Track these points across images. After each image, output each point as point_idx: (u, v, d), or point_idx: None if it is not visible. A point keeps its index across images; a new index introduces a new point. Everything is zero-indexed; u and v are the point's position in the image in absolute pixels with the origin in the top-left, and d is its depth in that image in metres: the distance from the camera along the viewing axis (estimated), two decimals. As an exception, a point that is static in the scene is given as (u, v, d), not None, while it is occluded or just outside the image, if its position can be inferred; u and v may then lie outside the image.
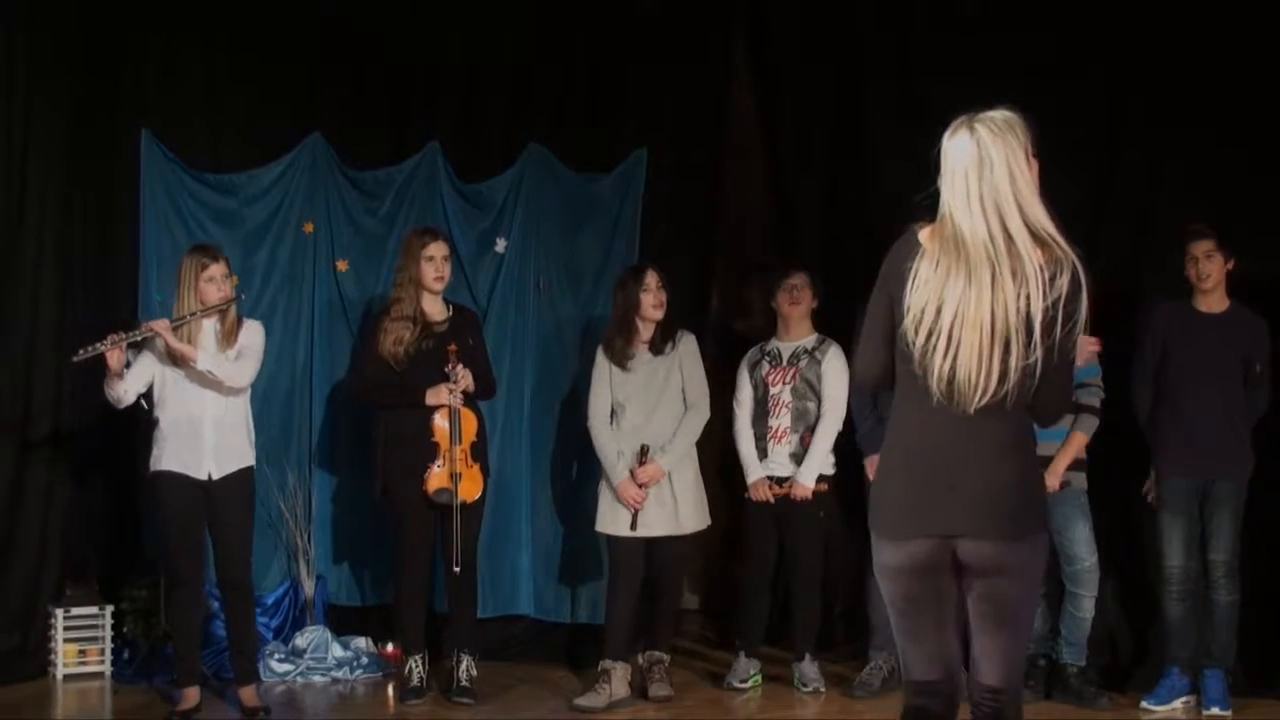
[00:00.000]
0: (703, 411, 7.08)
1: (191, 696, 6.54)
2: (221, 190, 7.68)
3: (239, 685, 6.65)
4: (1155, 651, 7.07)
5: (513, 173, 7.98)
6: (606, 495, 7.01)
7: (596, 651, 7.08)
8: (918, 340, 3.56)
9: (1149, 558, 6.99)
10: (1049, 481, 6.77)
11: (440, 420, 6.79)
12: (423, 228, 7.20)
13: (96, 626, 7.34)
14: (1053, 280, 3.50)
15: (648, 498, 6.90)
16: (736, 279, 8.48)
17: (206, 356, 6.37)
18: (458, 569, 6.73)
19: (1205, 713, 6.75)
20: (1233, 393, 6.82)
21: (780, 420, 7.27)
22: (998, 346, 3.49)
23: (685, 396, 7.08)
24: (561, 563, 7.93)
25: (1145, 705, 6.84)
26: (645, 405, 7.03)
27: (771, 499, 7.22)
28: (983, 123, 3.55)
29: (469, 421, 6.85)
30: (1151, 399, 6.95)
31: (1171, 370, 6.87)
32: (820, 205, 8.22)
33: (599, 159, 8.15)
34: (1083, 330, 3.57)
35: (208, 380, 6.41)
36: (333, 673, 7.39)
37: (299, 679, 7.33)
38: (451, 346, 6.80)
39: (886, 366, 3.73)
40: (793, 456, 7.23)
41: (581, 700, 6.84)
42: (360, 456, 7.37)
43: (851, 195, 7.96)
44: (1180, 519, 6.79)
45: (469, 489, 6.83)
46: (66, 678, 7.26)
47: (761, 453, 7.29)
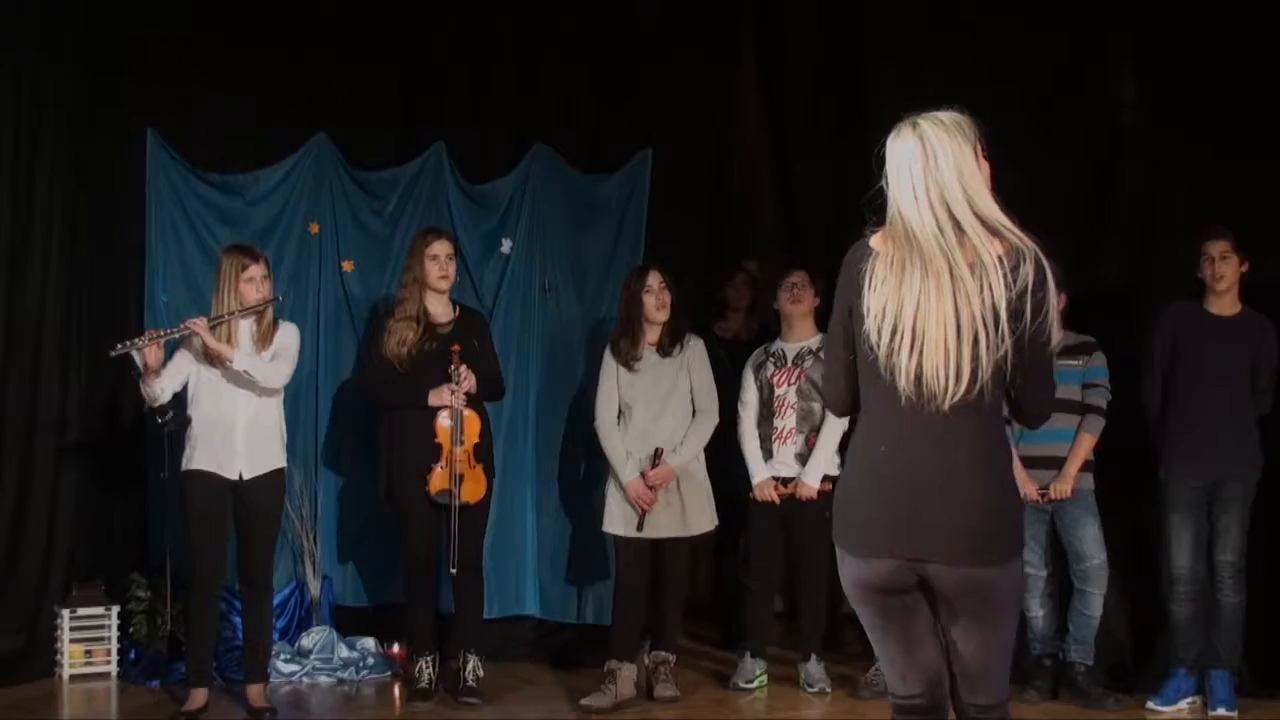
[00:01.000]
0: (713, 416, 7.08)
1: (199, 697, 6.54)
2: (227, 190, 7.67)
3: (248, 684, 6.65)
4: (1161, 652, 7.05)
5: (518, 173, 7.97)
6: (614, 495, 7.01)
7: (603, 652, 7.09)
8: (882, 340, 3.47)
9: (1156, 558, 6.95)
10: (1060, 487, 6.81)
11: (443, 421, 6.78)
12: (428, 227, 7.21)
13: (103, 627, 7.33)
14: (1015, 270, 3.41)
15: (656, 500, 6.90)
16: (740, 279, 8.46)
17: (243, 356, 6.38)
18: (454, 570, 6.75)
19: (1211, 713, 6.76)
20: (1242, 395, 6.81)
21: (785, 421, 7.26)
22: (965, 340, 3.39)
23: (694, 401, 7.08)
24: (568, 563, 7.90)
25: (1151, 706, 6.85)
26: (652, 407, 7.03)
27: (777, 499, 7.21)
28: (928, 120, 3.52)
29: (472, 422, 6.85)
30: (1161, 399, 6.93)
31: (1182, 372, 6.84)
32: (827, 204, 8.16)
33: (604, 159, 8.13)
34: (1055, 320, 3.47)
35: (242, 380, 6.42)
36: (339, 673, 7.39)
37: (305, 679, 7.33)
38: (455, 347, 6.80)
39: (854, 385, 3.65)
40: (798, 457, 7.22)
41: (588, 701, 6.85)
42: (366, 457, 7.36)
43: (859, 194, 7.88)
44: (1189, 520, 6.76)
45: (472, 490, 6.84)
46: (73, 678, 7.26)
47: (767, 453, 7.28)
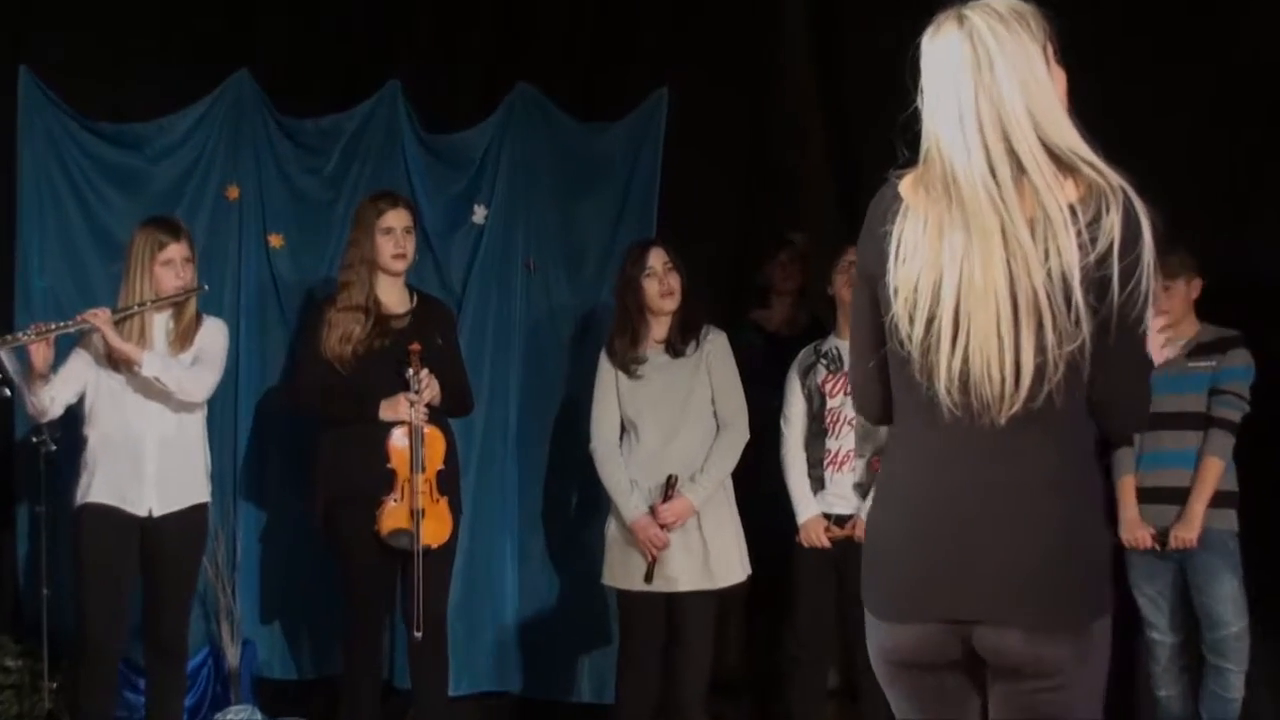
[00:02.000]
0: (740, 431, 6.45)
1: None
2: (121, 143, 7.10)
3: (151, 781, 6.28)
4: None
5: (495, 120, 7.45)
6: (616, 538, 6.41)
7: (603, 739, 6.73)
8: (914, 331, 3.00)
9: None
10: (1183, 534, 6.22)
11: (398, 440, 6.27)
12: (379, 191, 6.66)
13: None
14: (1094, 222, 2.91)
15: (670, 542, 6.28)
16: (785, 256, 7.83)
17: (154, 359, 5.99)
18: (418, 634, 6.22)
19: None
20: None
21: (841, 441, 6.50)
22: (1025, 325, 2.91)
23: (716, 414, 6.48)
24: (558, 626, 7.41)
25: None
26: (663, 423, 6.39)
27: (828, 543, 6.47)
28: (980, 10, 3.02)
29: (435, 442, 6.34)
30: None
31: None
32: (888, 167, 7.44)
33: (606, 103, 7.60)
34: (1152, 287, 2.92)
35: (154, 390, 6.04)
36: (264, 766, 6.99)
37: (220, 774, 6.94)
38: (414, 346, 6.28)
39: (887, 389, 3.21)
40: (858, 488, 6.47)
41: (586, 801, 6.59)
42: (297, 486, 6.80)
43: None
44: None
45: (435, 530, 6.30)
46: (-83, 778, 6.64)
47: (816, 483, 6.53)
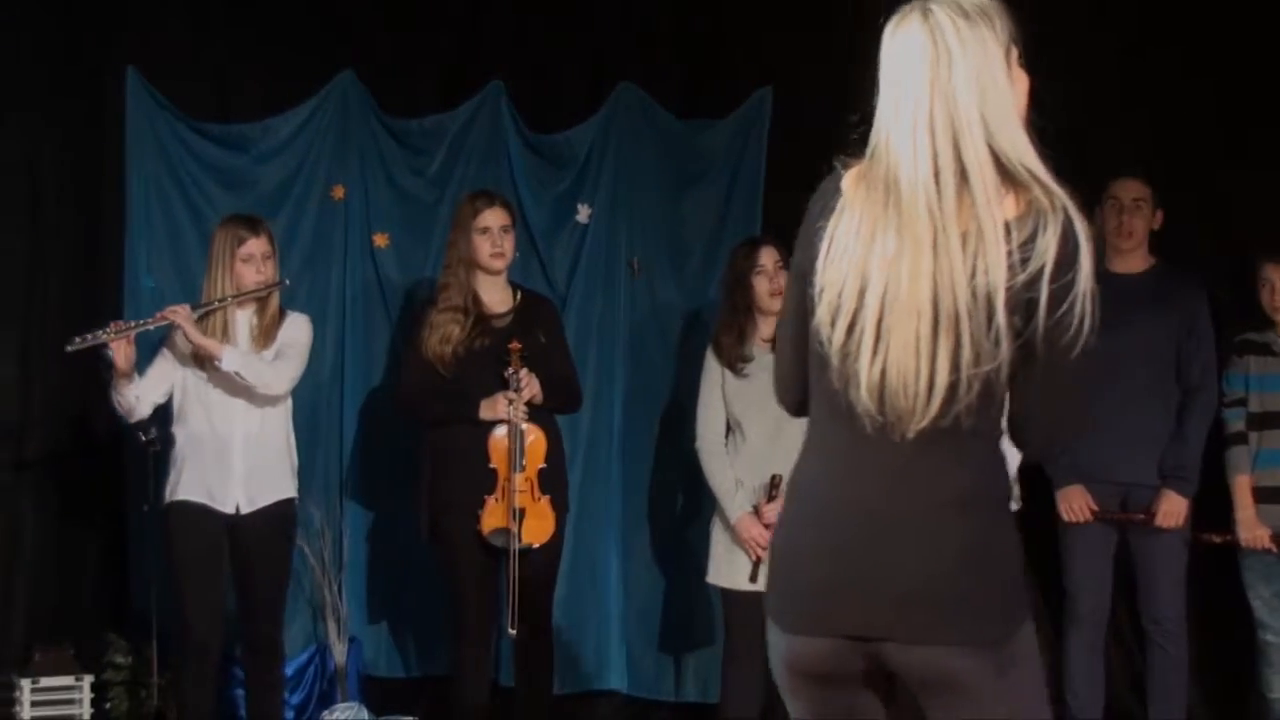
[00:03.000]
0: None
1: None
2: (228, 144, 7.11)
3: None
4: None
5: (599, 119, 7.42)
6: (721, 538, 6.37)
7: (709, 738, 6.68)
8: (835, 336, 2.89)
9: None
10: (1243, 535, 6.23)
11: (499, 439, 6.20)
12: (477, 191, 6.59)
13: (73, 702, 6.71)
14: (1029, 242, 2.78)
15: None
16: None
17: (234, 354, 5.92)
18: (513, 631, 6.23)
19: None
20: None
21: None
22: (943, 341, 2.80)
23: None
24: (663, 624, 7.37)
25: None
26: (769, 422, 6.25)
27: None
28: (945, 6, 2.89)
29: (536, 441, 6.27)
30: None
31: None
32: None
33: (710, 102, 7.57)
34: (1088, 315, 2.74)
35: (238, 387, 5.97)
36: (370, 764, 6.98)
37: (326, 771, 6.94)
38: (514, 345, 6.22)
39: (806, 382, 3.11)
40: None
41: (691, 799, 6.62)
42: (404, 486, 6.76)
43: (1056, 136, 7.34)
44: None
45: (537, 529, 6.27)
46: (35, 765, 6.76)
47: None
